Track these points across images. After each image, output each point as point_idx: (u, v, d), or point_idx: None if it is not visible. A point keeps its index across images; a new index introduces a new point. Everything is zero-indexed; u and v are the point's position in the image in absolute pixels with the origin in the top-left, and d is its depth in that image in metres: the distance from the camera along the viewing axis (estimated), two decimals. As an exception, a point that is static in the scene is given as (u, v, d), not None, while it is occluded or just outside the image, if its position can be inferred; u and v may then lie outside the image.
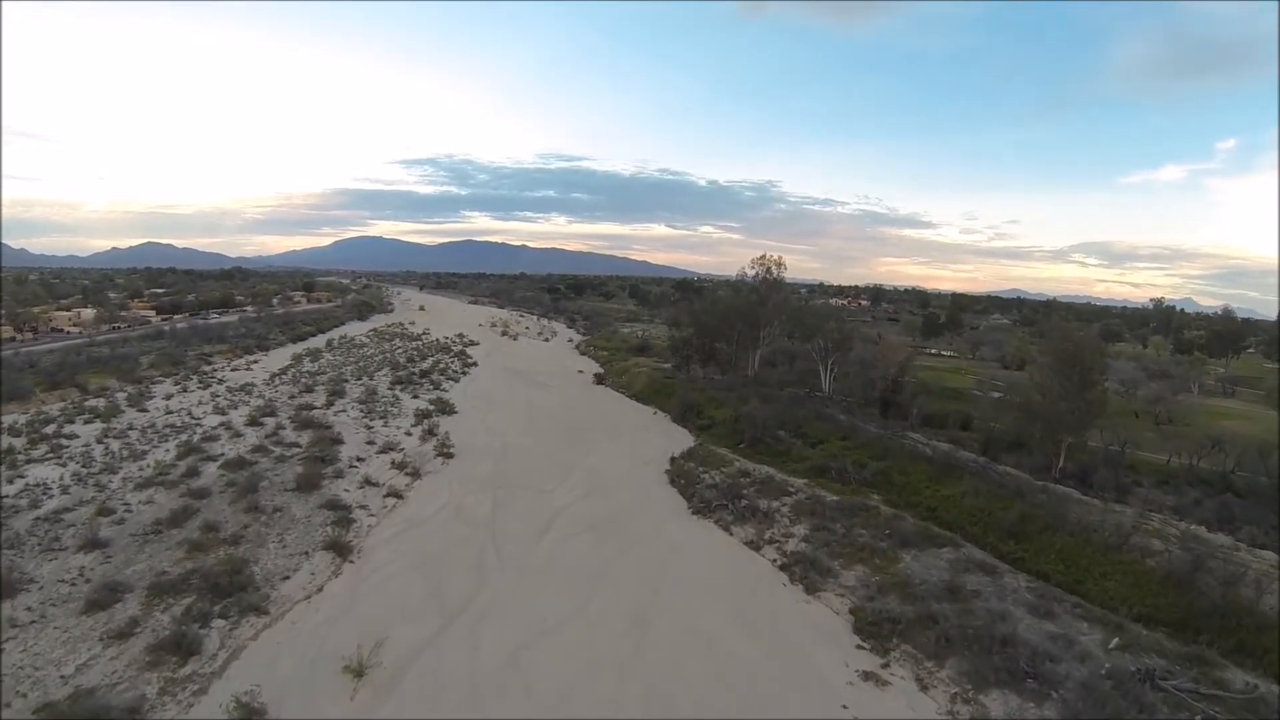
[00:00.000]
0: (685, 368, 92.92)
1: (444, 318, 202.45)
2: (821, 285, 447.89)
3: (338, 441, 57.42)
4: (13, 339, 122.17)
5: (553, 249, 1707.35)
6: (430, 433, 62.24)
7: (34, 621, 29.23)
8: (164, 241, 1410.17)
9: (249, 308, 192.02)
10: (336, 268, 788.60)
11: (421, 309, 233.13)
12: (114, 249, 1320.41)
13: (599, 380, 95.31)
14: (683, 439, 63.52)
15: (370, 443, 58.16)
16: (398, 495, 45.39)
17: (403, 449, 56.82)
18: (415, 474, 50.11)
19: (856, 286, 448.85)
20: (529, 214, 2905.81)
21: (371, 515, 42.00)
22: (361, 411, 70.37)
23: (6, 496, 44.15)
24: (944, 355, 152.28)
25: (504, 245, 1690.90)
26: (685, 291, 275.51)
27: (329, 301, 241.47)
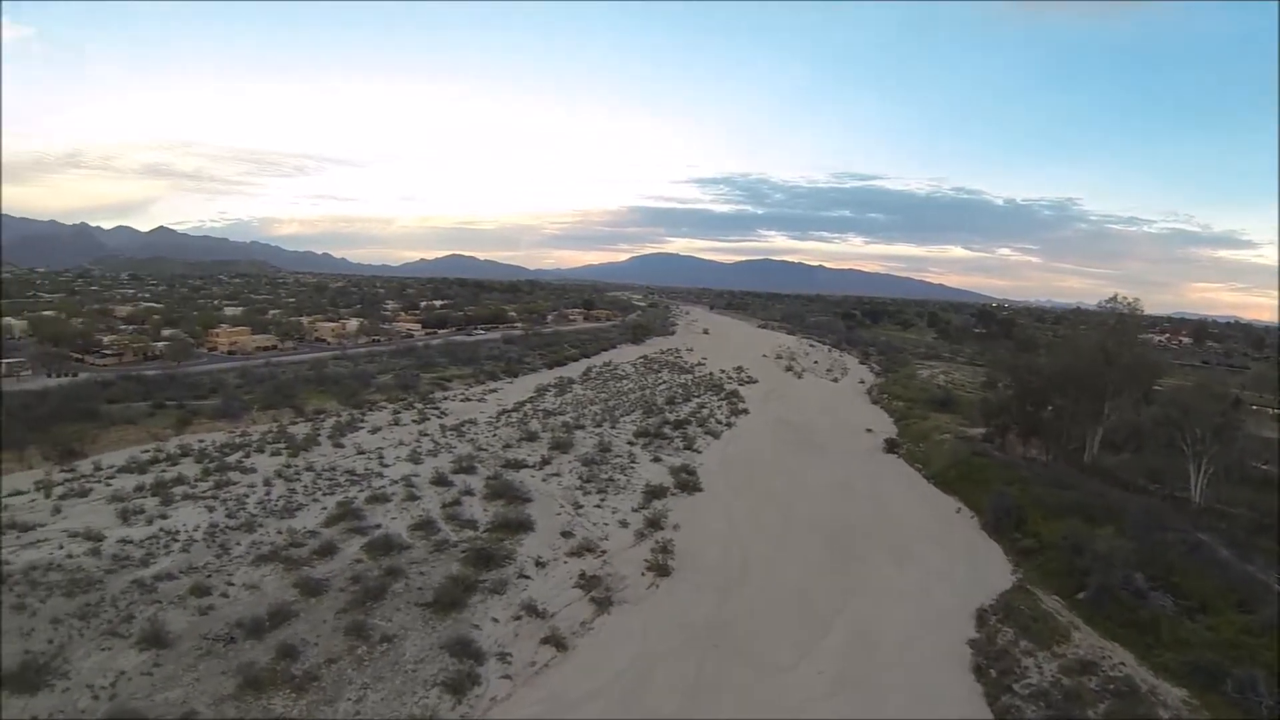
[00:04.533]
0: (1000, 439, 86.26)
1: (726, 344, 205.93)
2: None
3: (525, 527, 51.62)
4: (274, 347, 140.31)
5: (849, 270, 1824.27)
6: (654, 525, 53.73)
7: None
8: (467, 254, 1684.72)
9: (518, 325, 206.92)
10: (631, 282, 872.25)
11: (705, 332, 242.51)
12: (421, 260, 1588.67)
13: (890, 447, 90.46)
14: (996, 567, 53.21)
15: (567, 534, 51.21)
16: (560, 645, 36.11)
17: (605, 552, 48.83)
18: (604, 603, 40.79)
19: (1169, 317, 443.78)
20: (825, 234, 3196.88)
21: (505, 676, 33.40)
22: (580, 478, 65.47)
23: (132, 542, 45.92)
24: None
25: (800, 265, 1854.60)
26: (988, 322, 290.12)
27: (606, 321, 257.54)
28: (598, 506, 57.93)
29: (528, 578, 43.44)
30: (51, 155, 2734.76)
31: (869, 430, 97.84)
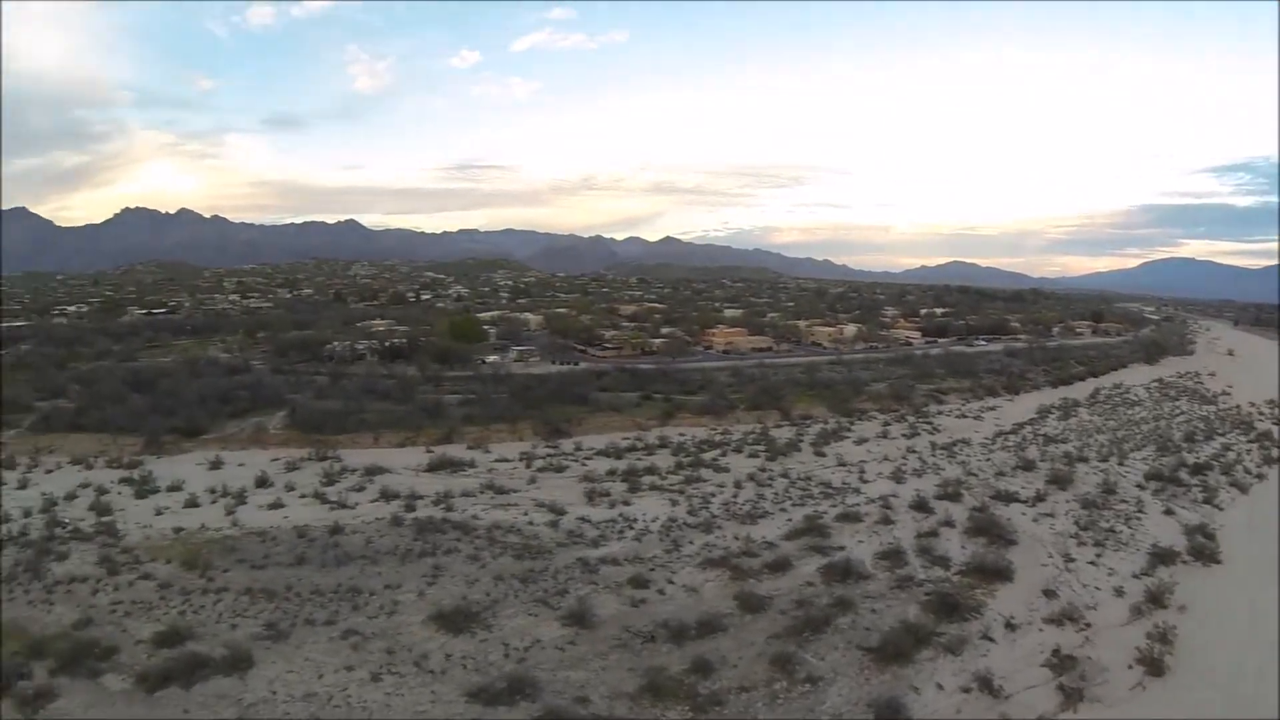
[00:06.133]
0: None
1: (1255, 370, 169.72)
2: None
3: (1003, 575, 44.60)
4: (768, 349, 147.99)
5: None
6: (1155, 600, 42.08)
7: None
8: (968, 260, 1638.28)
9: (1021, 336, 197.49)
10: (1142, 292, 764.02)
11: (1229, 354, 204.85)
12: (922, 267, 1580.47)
13: None
14: None
15: (1050, 592, 42.86)
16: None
17: (1089, 625, 39.23)
18: (1073, 695, 32.32)
19: None
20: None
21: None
22: (1076, 523, 55.54)
23: (590, 521, 50.89)
24: None
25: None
26: None
27: (1116, 335, 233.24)
28: (1092, 563, 47.88)
29: (991, 640, 36.77)
30: (569, 181, 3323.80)
31: None
